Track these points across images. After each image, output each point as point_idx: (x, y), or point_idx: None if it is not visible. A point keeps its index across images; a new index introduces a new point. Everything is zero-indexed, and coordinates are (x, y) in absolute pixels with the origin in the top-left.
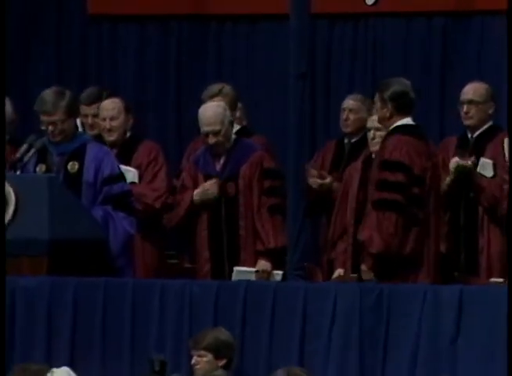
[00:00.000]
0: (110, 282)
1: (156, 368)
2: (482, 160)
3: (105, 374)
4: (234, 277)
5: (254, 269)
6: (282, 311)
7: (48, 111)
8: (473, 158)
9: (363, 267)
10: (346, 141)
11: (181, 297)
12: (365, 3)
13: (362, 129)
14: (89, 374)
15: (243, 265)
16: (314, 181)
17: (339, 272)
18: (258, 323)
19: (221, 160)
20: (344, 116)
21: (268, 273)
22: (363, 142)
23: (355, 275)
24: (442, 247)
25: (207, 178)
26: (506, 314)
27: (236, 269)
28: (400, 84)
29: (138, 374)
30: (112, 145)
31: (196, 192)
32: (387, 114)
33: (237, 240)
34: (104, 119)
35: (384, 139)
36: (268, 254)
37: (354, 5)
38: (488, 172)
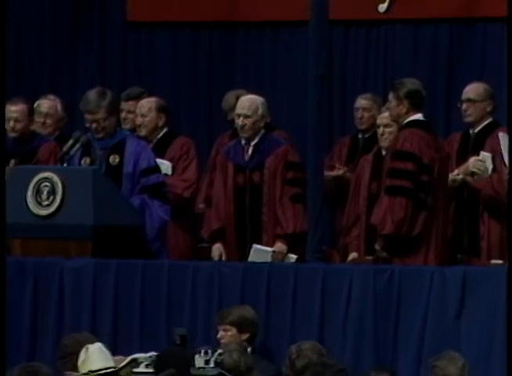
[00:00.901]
0: (148, 263)
1: (177, 342)
2: (482, 153)
3: (143, 345)
4: (251, 254)
5: (271, 249)
6: (303, 290)
7: (92, 110)
8: (461, 175)
9: (377, 246)
10: (360, 136)
11: (211, 277)
12: (378, 11)
13: (374, 125)
14: (129, 344)
15: None
16: (328, 174)
17: (353, 255)
18: (281, 301)
19: (250, 152)
20: (358, 115)
21: (284, 255)
22: (375, 137)
23: (370, 257)
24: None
25: (236, 167)
26: (505, 292)
27: (254, 246)
28: (413, 83)
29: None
30: (146, 139)
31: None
32: (404, 111)
33: (260, 225)
34: (137, 115)
35: (397, 132)
36: (285, 238)
37: (367, 12)
38: (489, 164)
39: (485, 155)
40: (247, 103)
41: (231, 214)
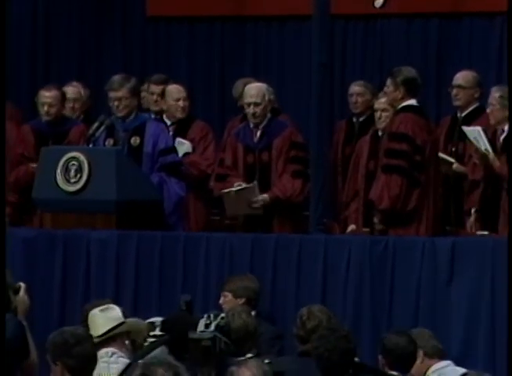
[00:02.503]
0: (166, 235)
1: (183, 307)
2: (466, 132)
3: (161, 310)
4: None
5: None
6: (306, 259)
7: (115, 88)
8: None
9: (375, 220)
10: (355, 120)
11: (222, 247)
12: (374, 6)
13: (367, 109)
14: (149, 309)
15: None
16: None
17: (352, 227)
18: (287, 269)
19: (258, 134)
20: (353, 100)
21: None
22: (369, 120)
23: (368, 229)
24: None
25: (245, 148)
26: (490, 261)
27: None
28: (410, 71)
29: None
30: (182, 121)
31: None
32: (399, 96)
33: None
34: (178, 99)
35: (393, 116)
36: (275, 199)
37: (365, 7)
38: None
39: (472, 134)
40: (255, 91)
41: None
